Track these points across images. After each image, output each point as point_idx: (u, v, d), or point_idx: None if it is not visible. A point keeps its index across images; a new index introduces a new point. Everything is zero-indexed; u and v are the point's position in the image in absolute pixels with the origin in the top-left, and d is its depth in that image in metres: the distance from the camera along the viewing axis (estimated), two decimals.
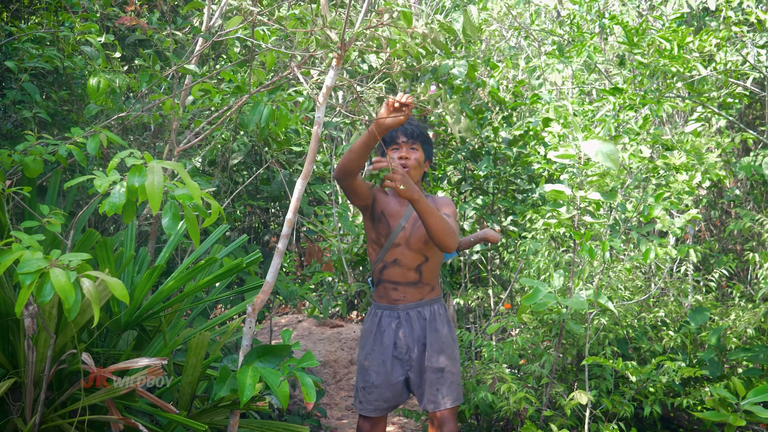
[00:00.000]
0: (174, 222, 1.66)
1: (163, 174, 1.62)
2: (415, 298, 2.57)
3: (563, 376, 3.27)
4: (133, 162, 1.64)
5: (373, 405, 2.57)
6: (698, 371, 2.70)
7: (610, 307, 2.65)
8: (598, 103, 3.50)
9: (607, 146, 2.61)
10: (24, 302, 1.43)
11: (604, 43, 4.53)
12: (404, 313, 2.58)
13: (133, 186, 1.58)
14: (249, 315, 2.29)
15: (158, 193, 1.52)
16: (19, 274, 1.44)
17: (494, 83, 3.97)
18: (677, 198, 2.99)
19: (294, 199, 2.29)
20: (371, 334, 2.61)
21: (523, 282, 2.77)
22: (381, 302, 2.63)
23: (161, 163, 1.61)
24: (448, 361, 2.54)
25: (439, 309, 2.61)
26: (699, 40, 3.47)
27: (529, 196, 3.87)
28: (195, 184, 1.62)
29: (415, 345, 2.55)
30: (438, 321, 2.58)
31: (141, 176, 1.62)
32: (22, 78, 3.04)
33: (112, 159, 1.68)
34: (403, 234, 2.55)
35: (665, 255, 2.84)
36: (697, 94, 3.70)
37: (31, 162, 2.39)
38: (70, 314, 1.45)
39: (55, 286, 1.44)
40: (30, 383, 1.94)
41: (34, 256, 1.49)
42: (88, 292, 1.47)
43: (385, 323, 2.59)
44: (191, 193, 1.62)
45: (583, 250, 2.66)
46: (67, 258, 1.53)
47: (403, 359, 2.57)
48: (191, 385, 2.30)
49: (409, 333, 2.55)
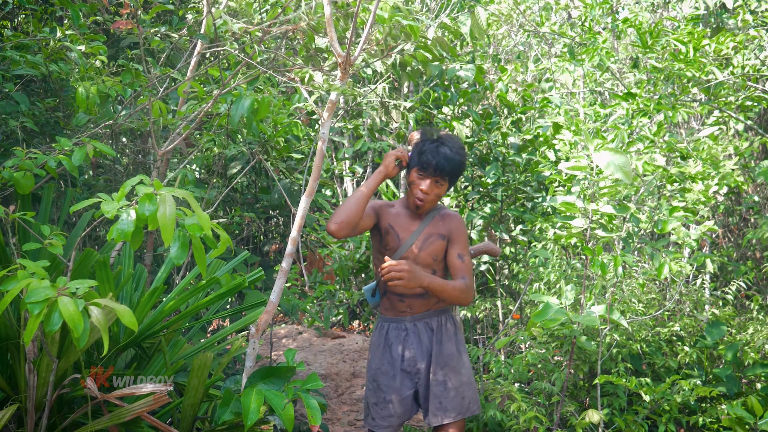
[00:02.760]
0: (183, 252, 1.73)
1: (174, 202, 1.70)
2: (422, 309, 2.63)
3: (575, 394, 3.35)
4: (144, 191, 1.71)
5: (387, 421, 2.62)
6: (714, 391, 2.77)
7: (623, 323, 2.71)
8: (611, 109, 3.57)
9: (620, 158, 2.68)
10: (33, 332, 1.51)
11: (617, 41, 4.60)
12: (411, 325, 2.63)
13: (143, 215, 1.65)
14: (252, 336, 2.37)
15: (171, 224, 1.59)
16: (27, 304, 1.51)
17: (503, 86, 4.05)
18: (692, 208, 3.06)
19: (298, 216, 2.37)
20: (379, 348, 2.67)
21: (533, 297, 2.84)
22: (387, 314, 2.68)
23: (172, 192, 1.68)
24: (452, 374, 2.60)
25: (447, 320, 2.67)
26: (716, 42, 3.54)
27: (539, 204, 3.94)
28: (205, 214, 1.70)
29: (423, 357, 2.61)
30: (444, 333, 2.64)
31: (152, 204, 1.69)
32: (8, 88, 3.10)
33: (122, 186, 1.75)
34: (413, 249, 2.59)
35: (680, 269, 2.91)
36: (713, 97, 3.77)
37: (22, 178, 2.46)
38: (79, 343, 1.52)
39: (64, 315, 1.52)
40: (32, 408, 2.02)
41: (41, 284, 1.57)
42: (97, 320, 1.55)
43: (392, 336, 2.65)
44: (201, 224, 1.69)
45: (595, 265, 2.73)
46: (74, 285, 1.61)
47: (411, 372, 2.63)
48: (193, 407, 2.38)
49: (416, 345, 2.62)
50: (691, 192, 3.11)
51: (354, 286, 4.87)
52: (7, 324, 2.10)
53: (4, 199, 3.11)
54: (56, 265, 2.46)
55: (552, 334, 3.25)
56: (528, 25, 5.27)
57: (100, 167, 4.12)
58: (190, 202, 1.67)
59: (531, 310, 4.00)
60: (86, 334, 1.54)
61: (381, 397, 2.62)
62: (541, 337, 3.28)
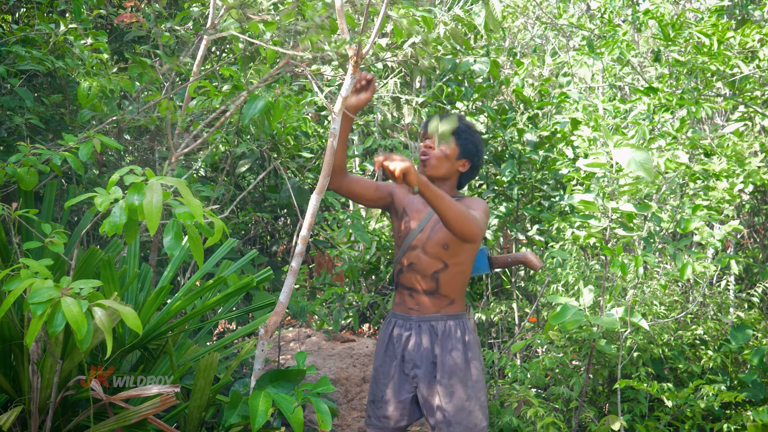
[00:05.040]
0: (176, 242, 1.73)
1: (166, 190, 1.70)
2: (430, 310, 2.55)
3: (594, 399, 3.33)
4: (133, 179, 1.72)
5: (381, 422, 2.58)
6: (739, 396, 2.76)
7: (644, 326, 2.70)
8: (631, 104, 3.55)
9: (641, 154, 2.67)
10: (35, 333, 1.52)
11: (638, 34, 4.58)
12: (416, 325, 2.57)
13: (133, 205, 1.65)
14: (261, 337, 2.37)
15: (156, 213, 1.59)
16: (30, 304, 1.52)
17: (519, 81, 4.03)
18: (716, 206, 3.04)
19: (308, 215, 2.37)
20: (383, 344, 2.63)
21: (551, 299, 2.83)
22: (396, 310, 2.64)
23: (162, 180, 1.69)
24: (459, 385, 2.51)
25: (456, 327, 2.56)
26: (741, 35, 3.51)
27: (557, 202, 3.92)
28: (197, 201, 1.70)
29: (422, 362, 2.53)
30: (451, 339, 2.54)
31: (140, 195, 1.70)
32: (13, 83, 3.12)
33: (111, 176, 1.76)
34: (421, 236, 2.54)
35: (704, 270, 2.89)
36: (738, 92, 3.74)
37: (26, 174, 2.48)
38: (83, 345, 1.53)
39: (67, 316, 1.52)
40: (35, 410, 2.03)
41: (44, 284, 1.58)
42: (101, 322, 1.56)
43: (396, 333, 2.60)
44: (193, 212, 1.69)
45: (614, 265, 2.72)
46: (78, 286, 1.62)
47: (409, 375, 2.56)
48: (199, 409, 2.39)
49: (416, 348, 2.54)
50: (715, 190, 3.09)
51: (364, 288, 4.87)
52: (10, 324, 2.11)
53: (7, 197, 3.14)
54: (60, 264, 2.48)
55: (570, 338, 3.24)
56: (545, 17, 5.25)
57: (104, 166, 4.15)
58: (180, 190, 1.67)
59: (548, 313, 3.98)
60: (90, 336, 1.55)
61: (379, 395, 2.58)
62: (558, 341, 3.27)
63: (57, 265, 2.47)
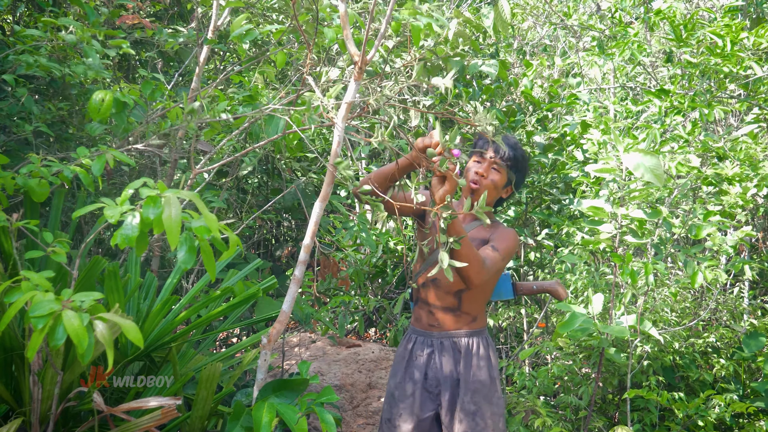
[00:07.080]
0: (190, 256, 1.74)
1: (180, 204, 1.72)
2: (452, 327, 2.54)
3: (603, 408, 3.34)
4: (147, 193, 1.74)
5: None
6: (752, 406, 2.76)
7: (655, 334, 2.70)
8: (642, 106, 3.55)
9: (650, 159, 2.67)
10: (36, 347, 1.54)
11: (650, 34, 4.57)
12: (438, 342, 2.56)
13: (148, 218, 1.67)
14: (264, 347, 2.39)
15: (176, 227, 1.61)
16: (31, 318, 1.54)
17: (528, 82, 4.04)
18: (729, 211, 3.03)
19: (312, 222, 2.38)
20: (403, 361, 2.61)
21: (559, 306, 2.83)
22: (416, 326, 2.63)
23: (177, 194, 1.71)
24: (485, 404, 2.49)
25: (480, 343, 2.55)
26: (755, 35, 3.51)
27: (566, 206, 3.93)
28: (212, 216, 1.72)
29: (447, 380, 2.53)
30: (475, 357, 2.53)
31: (156, 208, 1.71)
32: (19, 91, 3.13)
33: (125, 189, 1.77)
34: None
35: (716, 276, 2.89)
36: (752, 93, 3.74)
37: (37, 186, 2.48)
38: (84, 359, 1.55)
39: (68, 329, 1.54)
40: (36, 421, 2.06)
41: (45, 297, 1.59)
42: (101, 335, 1.58)
43: (417, 351, 2.59)
44: (209, 226, 1.71)
45: (624, 272, 2.72)
46: (79, 298, 1.63)
47: (432, 393, 2.55)
48: (201, 419, 2.41)
49: (440, 366, 2.54)
50: (728, 195, 3.09)
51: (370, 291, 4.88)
52: (11, 334, 2.14)
53: (15, 206, 3.16)
54: (63, 275, 2.50)
55: (579, 345, 3.24)
56: (555, 17, 5.25)
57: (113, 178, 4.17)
58: (196, 204, 1.69)
59: (557, 320, 3.99)
60: (91, 349, 1.57)
61: (396, 413, 2.57)
62: (567, 348, 3.28)
63: (60, 275, 2.49)
